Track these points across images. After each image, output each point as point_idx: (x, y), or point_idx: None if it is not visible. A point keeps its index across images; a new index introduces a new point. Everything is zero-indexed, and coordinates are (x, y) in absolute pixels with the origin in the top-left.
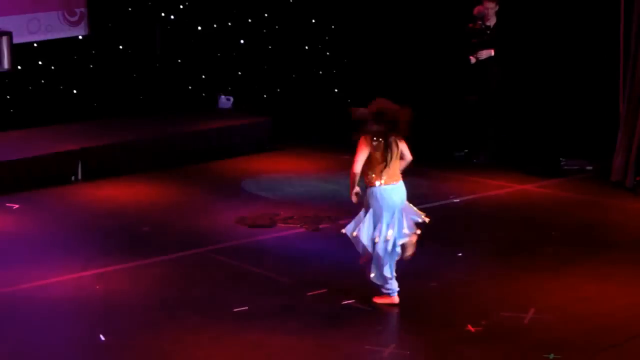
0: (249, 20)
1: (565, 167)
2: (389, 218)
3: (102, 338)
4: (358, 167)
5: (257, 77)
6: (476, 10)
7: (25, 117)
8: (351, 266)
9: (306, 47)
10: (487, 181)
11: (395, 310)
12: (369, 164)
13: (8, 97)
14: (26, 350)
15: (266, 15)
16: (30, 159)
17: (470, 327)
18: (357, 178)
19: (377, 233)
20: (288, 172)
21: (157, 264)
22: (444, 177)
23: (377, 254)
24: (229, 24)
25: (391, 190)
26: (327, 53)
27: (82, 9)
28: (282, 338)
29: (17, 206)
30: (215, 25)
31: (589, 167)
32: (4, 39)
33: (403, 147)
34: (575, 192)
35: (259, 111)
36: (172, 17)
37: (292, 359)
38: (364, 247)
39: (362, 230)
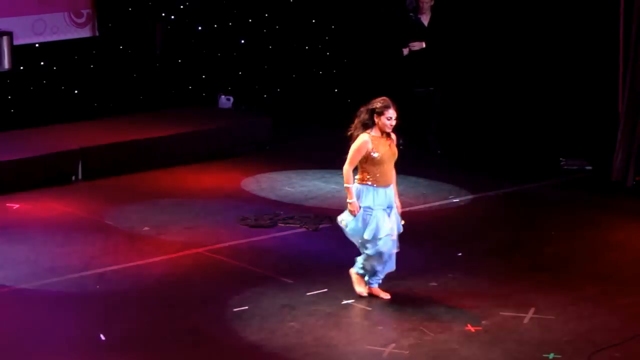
0: (249, 20)
1: (565, 167)
2: None
3: (102, 338)
4: None
5: (257, 77)
6: (407, 2)
7: (25, 117)
8: (351, 266)
9: (306, 47)
10: (486, 181)
11: (395, 310)
12: None
13: (9, 97)
14: (26, 350)
15: (266, 15)
16: (30, 159)
17: (470, 327)
18: None
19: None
20: (288, 172)
21: (157, 264)
22: (443, 177)
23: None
24: (229, 24)
25: None
26: (327, 53)
27: (89, 11)
28: (282, 338)
29: (17, 206)
30: (215, 25)
31: (588, 167)
32: (5, 38)
33: None
34: (575, 192)
35: (259, 111)
36: (172, 17)
37: (292, 358)
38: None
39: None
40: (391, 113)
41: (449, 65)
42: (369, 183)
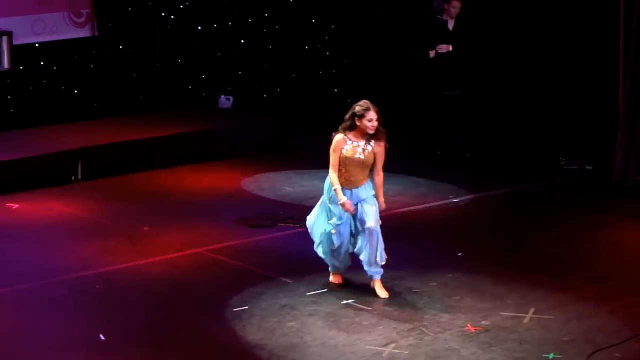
0: (249, 20)
1: (565, 167)
2: None
3: (102, 338)
4: None
5: (257, 77)
6: (435, 4)
7: (25, 117)
8: (351, 266)
9: (306, 47)
10: (486, 181)
11: (395, 310)
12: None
13: (9, 97)
14: (26, 350)
15: (266, 15)
16: (30, 159)
17: (470, 327)
18: None
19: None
20: (288, 172)
21: (157, 264)
22: (443, 177)
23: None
24: (229, 24)
25: None
26: (327, 53)
27: (89, 11)
28: (282, 338)
29: (17, 206)
30: (215, 25)
31: (589, 167)
32: (5, 38)
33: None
34: (575, 192)
35: (259, 111)
36: (172, 17)
37: (292, 359)
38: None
39: None
40: (372, 115)
41: (476, 68)
42: None
